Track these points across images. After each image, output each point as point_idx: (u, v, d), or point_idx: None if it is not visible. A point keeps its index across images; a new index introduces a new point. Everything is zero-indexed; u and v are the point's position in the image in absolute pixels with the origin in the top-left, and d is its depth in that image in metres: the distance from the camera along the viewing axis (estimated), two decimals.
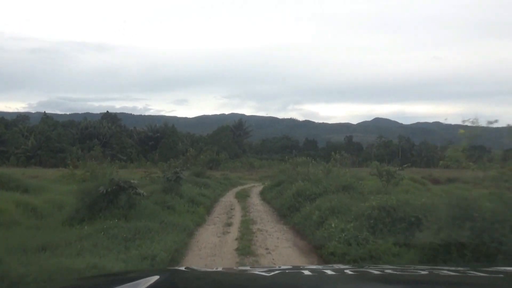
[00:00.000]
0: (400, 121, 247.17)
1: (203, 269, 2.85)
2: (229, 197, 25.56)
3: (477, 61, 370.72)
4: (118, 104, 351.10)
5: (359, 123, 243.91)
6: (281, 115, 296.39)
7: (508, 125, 8.87)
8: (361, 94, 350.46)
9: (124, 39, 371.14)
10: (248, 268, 3.50)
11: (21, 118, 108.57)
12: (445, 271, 2.58)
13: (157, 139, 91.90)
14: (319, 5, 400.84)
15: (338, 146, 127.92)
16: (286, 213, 17.09)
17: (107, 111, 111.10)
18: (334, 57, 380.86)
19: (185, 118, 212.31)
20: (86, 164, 30.10)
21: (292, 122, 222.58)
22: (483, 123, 9.02)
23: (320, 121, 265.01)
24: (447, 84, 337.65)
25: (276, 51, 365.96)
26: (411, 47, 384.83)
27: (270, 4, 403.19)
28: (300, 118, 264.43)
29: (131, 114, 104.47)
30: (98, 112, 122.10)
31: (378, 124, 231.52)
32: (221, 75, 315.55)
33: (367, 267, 2.97)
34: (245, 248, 10.65)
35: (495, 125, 9.11)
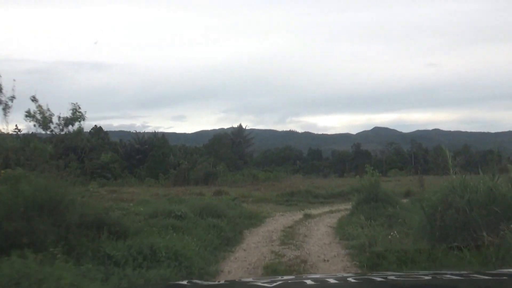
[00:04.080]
0: (399, 129, 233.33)
1: (206, 283, 2.71)
2: None
3: (473, 66, 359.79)
4: (115, 122, 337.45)
5: (358, 132, 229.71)
6: (280, 127, 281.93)
7: None
8: (359, 104, 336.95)
9: (121, 57, 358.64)
10: (251, 280, 3.15)
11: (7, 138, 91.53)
12: (448, 275, 2.51)
13: (145, 152, 75.36)
14: (315, 16, 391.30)
15: (346, 155, 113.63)
16: None
17: (95, 125, 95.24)
18: (331, 67, 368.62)
19: (184, 134, 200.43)
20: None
21: (291, 134, 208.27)
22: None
23: (320, 132, 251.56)
24: (444, 90, 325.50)
25: (272, 63, 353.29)
26: (406, 55, 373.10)
27: (265, 16, 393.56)
28: (300, 130, 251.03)
29: (129, 131, 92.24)
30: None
31: (378, 133, 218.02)
32: (218, 89, 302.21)
33: (369, 274, 3.00)
34: None
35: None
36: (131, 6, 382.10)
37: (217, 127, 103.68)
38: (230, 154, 72.89)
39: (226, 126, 79.71)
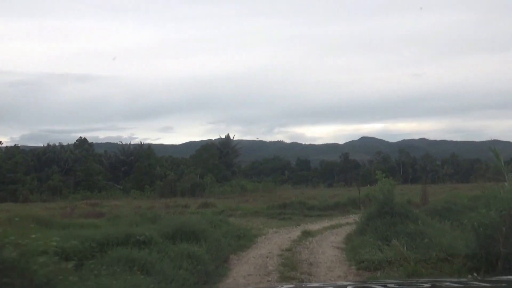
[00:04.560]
0: (386, 139, 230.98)
1: None
2: None
3: (457, 77, 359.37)
4: (102, 134, 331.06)
5: (346, 142, 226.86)
6: (268, 138, 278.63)
7: None
8: (346, 114, 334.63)
9: (108, 69, 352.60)
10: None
11: None
12: (448, 283, 2.48)
13: (130, 164, 72.17)
14: (302, 28, 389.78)
15: (334, 165, 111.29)
16: None
17: (80, 136, 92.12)
18: (318, 78, 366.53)
19: (172, 145, 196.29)
20: None
21: (279, 145, 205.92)
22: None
23: (308, 143, 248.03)
24: (429, 100, 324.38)
25: (260, 74, 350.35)
26: (391, 65, 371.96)
27: (252, 28, 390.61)
28: (287, 140, 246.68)
29: (116, 143, 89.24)
30: None
31: (365, 143, 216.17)
32: (206, 100, 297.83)
33: (369, 282, 3.10)
34: None
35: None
36: (118, 18, 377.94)
37: (205, 138, 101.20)
38: (218, 164, 69.94)
39: (214, 137, 77.21)
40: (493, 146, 11.13)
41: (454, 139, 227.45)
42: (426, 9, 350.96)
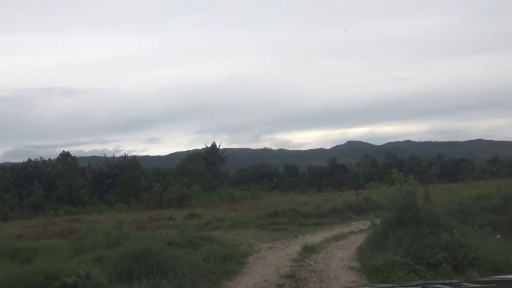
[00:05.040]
0: (372, 143, 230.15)
1: None
2: None
3: (439, 79, 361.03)
4: (87, 148, 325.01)
5: (332, 147, 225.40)
6: (254, 145, 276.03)
7: None
8: (332, 119, 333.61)
9: (91, 82, 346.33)
10: None
11: None
12: (439, 285, 2.45)
13: (115, 176, 69.00)
14: (286, 35, 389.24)
15: (322, 170, 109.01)
16: None
17: (63, 150, 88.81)
18: (303, 84, 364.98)
19: (158, 157, 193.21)
20: None
21: (266, 152, 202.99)
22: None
23: (294, 149, 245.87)
24: (412, 102, 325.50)
25: (244, 82, 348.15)
26: (375, 70, 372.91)
27: (237, 36, 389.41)
28: (274, 147, 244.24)
29: (102, 156, 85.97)
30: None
31: (352, 147, 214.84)
32: (191, 110, 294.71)
33: (361, 287, 2.62)
34: None
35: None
36: (101, 30, 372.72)
37: (191, 148, 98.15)
38: (205, 174, 67.07)
39: (200, 146, 74.44)
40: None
41: (439, 140, 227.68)
42: (407, 13, 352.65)
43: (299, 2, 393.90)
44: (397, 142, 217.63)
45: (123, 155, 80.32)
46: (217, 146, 74.87)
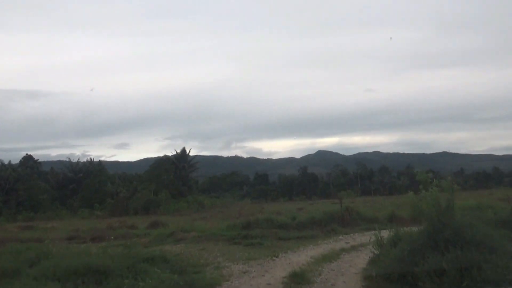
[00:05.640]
0: (341, 153, 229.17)
1: None
2: None
3: (407, 91, 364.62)
4: (54, 152, 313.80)
5: (303, 156, 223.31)
6: (225, 153, 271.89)
7: None
8: (303, 128, 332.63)
9: (60, 85, 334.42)
10: None
11: None
12: None
13: (79, 181, 64.74)
14: (258, 44, 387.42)
15: (293, 179, 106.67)
16: None
17: (26, 153, 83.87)
18: (275, 93, 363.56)
19: (128, 162, 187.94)
20: None
21: (237, 160, 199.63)
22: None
23: (265, 157, 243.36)
24: (381, 114, 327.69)
25: (217, 90, 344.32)
26: (346, 80, 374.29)
27: (208, 44, 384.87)
28: (245, 155, 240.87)
29: (68, 161, 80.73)
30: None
31: (321, 157, 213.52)
32: (162, 116, 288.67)
33: None
34: None
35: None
36: (71, 33, 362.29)
37: (161, 154, 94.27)
38: (173, 180, 63.47)
39: (171, 153, 70.91)
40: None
41: (406, 152, 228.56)
42: (379, 26, 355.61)
43: (273, 12, 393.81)
44: (366, 153, 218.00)
45: (89, 159, 75.67)
46: (187, 152, 71.21)
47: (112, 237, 14.50)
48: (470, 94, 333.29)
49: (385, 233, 9.11)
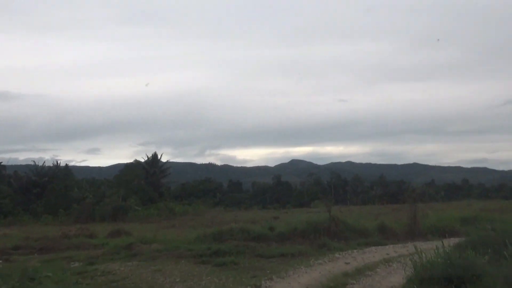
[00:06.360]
0: (315, 162, 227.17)
1: None
2: None
3: (379, 103, 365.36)
4: (22, 156, 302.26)
5: (276, 165, 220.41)
6: (199, 160, 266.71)
7: None
8: (277, 137, 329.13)
9: (29, 87, 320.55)
10: None
11: None
12: None
13: (44, 185, 60.31)
14: (233, 51, 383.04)
15: (266, 187, 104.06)
16: None
17: None
18: (249, 101, 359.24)
19: (99, 167, 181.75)
20: None
21: (210, 167, 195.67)
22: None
23: (239, 165, 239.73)
24: (354, 125, 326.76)
25: (191, 96, 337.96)
26: (320, 90, 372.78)
27: (184, 51, 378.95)
28: (219, 162, 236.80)
29: (36, 165, 76.17)
30: None
31: (295, 166, 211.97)
32: (135, 122, 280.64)
33: None
34: None
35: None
36: (41, 34, 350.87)
37: (133, 159, 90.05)
38: (143, 185, 59.69)
39: (143, 159, 67.14)
40: None
41: (378, 162, 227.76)
42: (353, 37, 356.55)
43: (249, 20, 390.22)
44: (339, 163, 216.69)
45: (55, 163, 71.03)
46: (159, 157, 67.49)
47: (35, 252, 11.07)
48: (441, 108, 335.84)
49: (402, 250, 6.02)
